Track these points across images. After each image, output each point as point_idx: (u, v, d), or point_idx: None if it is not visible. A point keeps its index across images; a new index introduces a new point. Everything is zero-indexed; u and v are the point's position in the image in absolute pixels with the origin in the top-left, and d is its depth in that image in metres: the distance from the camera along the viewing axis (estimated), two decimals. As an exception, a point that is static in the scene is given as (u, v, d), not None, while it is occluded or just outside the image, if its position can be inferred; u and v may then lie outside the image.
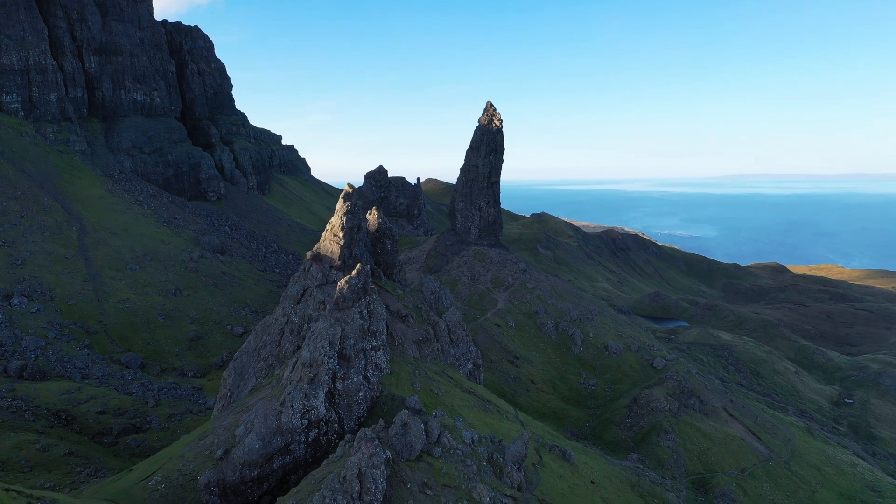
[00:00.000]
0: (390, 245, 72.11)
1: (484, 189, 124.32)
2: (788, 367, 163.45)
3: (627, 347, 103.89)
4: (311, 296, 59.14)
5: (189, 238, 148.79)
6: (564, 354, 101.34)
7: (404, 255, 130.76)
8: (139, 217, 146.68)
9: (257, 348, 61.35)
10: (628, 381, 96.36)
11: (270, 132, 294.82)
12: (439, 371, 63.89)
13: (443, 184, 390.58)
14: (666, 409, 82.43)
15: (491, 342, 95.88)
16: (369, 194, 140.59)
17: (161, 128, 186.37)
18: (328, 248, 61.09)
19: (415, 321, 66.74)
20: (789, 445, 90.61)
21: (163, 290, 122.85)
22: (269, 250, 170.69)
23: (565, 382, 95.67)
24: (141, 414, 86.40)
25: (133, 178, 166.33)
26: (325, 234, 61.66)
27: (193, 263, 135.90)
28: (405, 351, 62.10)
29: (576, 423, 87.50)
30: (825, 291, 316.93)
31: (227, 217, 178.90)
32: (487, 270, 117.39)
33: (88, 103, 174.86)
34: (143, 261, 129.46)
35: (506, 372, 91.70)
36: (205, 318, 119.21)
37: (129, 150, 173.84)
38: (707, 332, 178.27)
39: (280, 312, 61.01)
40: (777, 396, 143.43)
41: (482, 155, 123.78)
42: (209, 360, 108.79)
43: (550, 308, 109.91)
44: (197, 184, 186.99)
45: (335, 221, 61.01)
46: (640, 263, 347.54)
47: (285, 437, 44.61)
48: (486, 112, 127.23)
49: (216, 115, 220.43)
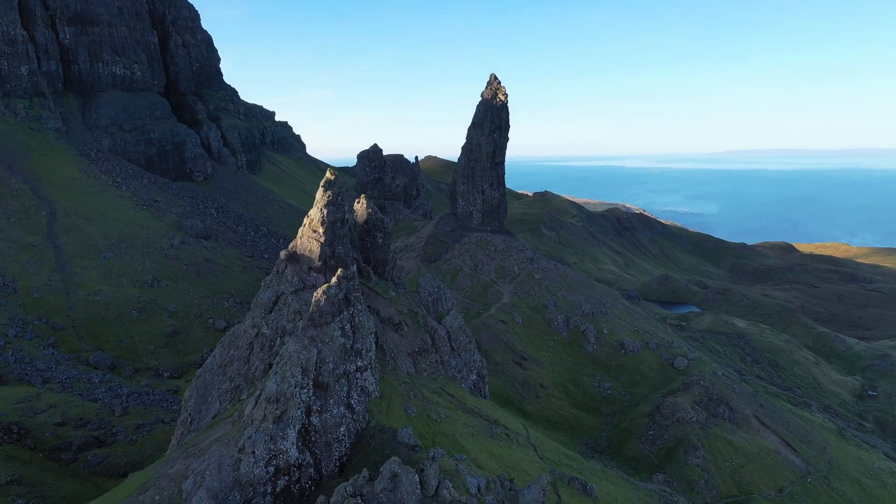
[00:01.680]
0: (382, 238, 62.38)
1: (487, 170, 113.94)
2: (808, 356, 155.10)
3: (645, 345, 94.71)
4: (286, 304, 49.58)
5: (170, 222, 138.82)
6: (576, 353, 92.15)
7: (401, 242, 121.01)
8: (116, 200, 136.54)
9: (223, 365, 51.96)
10: (647, 384, 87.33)
11: (262, 108, 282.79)
12: (438, 388, 54.61)
13: (443, 161, 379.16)
14: (693, 420, 73.41)
15: (496, 342, 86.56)
16: (363, 175, 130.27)
17: (142, 103, 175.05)
18: (306, 247, 51.35)
19: (410, 329, 57.26)
20: (826, 455, 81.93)
21: (139, 280, 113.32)
22: (259, 234, 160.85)
23: (578, 386, 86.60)
24: (105, 425, 77.41)
25: (112, 157, 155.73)
26: (303, 229, 51.89)
27: (174, 250, 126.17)
28: (398, 367, 52.73)
29: (591, 434, 78.60)
30: (834, 271, 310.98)
31: (213, 199, 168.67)
32: (491, 259, 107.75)
33: (63, 77, 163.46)
34: (118, 248, 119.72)
35: (513, 376, 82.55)
36: (184, 311, 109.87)
37: (107, 128, 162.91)
38: (721, 319, 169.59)
39: (249, 323, 51.50)
40: (799, 390, 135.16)
41: (485, 133, 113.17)
42: (188, 359, 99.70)
43: (560, 301, 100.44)
44: (182, 163, 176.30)
45: (314, 215, 51.21)
46: (646, 243, 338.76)
47: (245, 491, 35.33)
48: (489, 86, 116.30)
49: (203, 90, 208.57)
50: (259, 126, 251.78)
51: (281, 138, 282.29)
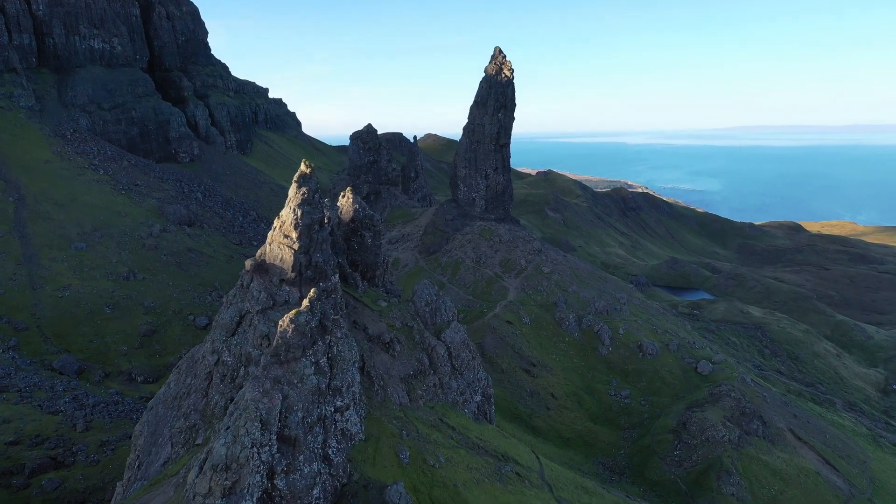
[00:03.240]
0: (371, 238, 53.36)
1: (491, 153, 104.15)
2: (828, 348, 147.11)
3: (665, 346, 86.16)
4: (252, 326, 40.82)
5: (151, 208, 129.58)
6: (590, 357, 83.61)
7: (397, 231, 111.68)
8: (92, 184, 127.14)
9: (178, 396, 43.33)
10: (668, 392, 78.95)
11: (255, 84, 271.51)
12: (436, 421, 46.09)
13: (443, 140, 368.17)
14: (725, 439, 65.08)
15: (501, 346, 77.94)
16: (356, 158, 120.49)
17: (123, 80, 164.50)
18: (276, 255, 42.42)
19: (404, 348, 48.54)
20: (867, 472, 73.87)
21: (113, 273, 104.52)
22: (248, 219, 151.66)
23: (592, 394, 78.20)
24: (65, 442, 69.13)
25: (89, 138, 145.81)
26: (273, 234, 42.92)
27: (153, 239, 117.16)
28: (388, 397, 44.12)
29: (608, 451, 70.37)
30: (844, 252, 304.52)
31: (199, 181, 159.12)
32: (495, 251, 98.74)
33: (37, 52, 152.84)
34: (91, 238, 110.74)
35: (520, 385, 74.06)
36: (162, 307, 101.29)
37: (85, 106, 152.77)
38: (735, 308, 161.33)
39: (209, 347, 42.77)
40: (822, 386, 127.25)
41: (489, 112, 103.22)
42: (164, 360, 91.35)
43: (571, 297, 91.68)
44: (166, 144, 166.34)
45: (286, 216, 42.23)
46: (652, 224, 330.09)
47: (186, 588, 26.84)
48: (493, 60, 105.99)
49: (189, 66, 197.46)
50: (251, 103, 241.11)
51: (275, 116, 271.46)
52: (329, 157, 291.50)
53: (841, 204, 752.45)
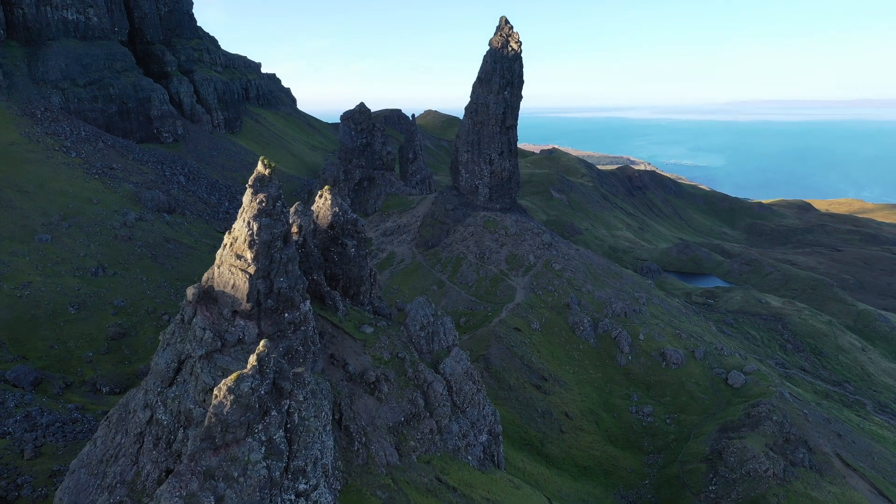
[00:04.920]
0: (354, 247, 43.86)
1: (496, 135, 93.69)
2: (853, 341, 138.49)
3: (690, 354, 77.09)
4: (193, 375, 31.48)
5: (127, 194, 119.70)
6: (607, 367, 74.56)
7: (392, 222, 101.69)
8: (62, 168, 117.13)
9: (104, 460, 34.18)
10: (697, 408, 70.06)
11: (246, 59, 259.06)
12: (432, 482, 36.99)
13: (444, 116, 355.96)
14: (769, 473, 56.22)
15: (509, 358, 68.78)
16: (347, 141, 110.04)
17: (100, 54, 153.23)
18: (227, 281, 32.93)
19: (393, 387, 39.32)
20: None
21: (80, 267, 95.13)
22: (234, 204, 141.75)
23: (611, 412, 69.29)
24: (10, 472, 60.14)
25: (62, 117, 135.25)
26: (223, 253, 33.39)
27: (127, 229, 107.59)
28: (372, 457, 34.95)
29: (631, 482, 61.60)
30: (855, 232, 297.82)
31: (183, 163, 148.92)
32: (501, 245, 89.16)
33: (6, 23, 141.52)
34: (57, 228, 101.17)
35: (531, 403, 65.04)
36: (134, 307, 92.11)
37: (58, 83, 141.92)
38: (752, 297, 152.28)
39: (141, 400, 33.49)
40: (849, 385, 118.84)
41: (494, 90, 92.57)
42: (134, 368, 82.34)
43: (586, 298, 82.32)
44: (147, 123, 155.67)
45: (239, 231, 32.69)
46: (658, 203, 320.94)
47: None
48: (499, 32, 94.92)
49: (173, 39, 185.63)
50: (241, 79, 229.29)
51: (267, 92, 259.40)
52: (325, 135, 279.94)
53: (845, 180, 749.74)
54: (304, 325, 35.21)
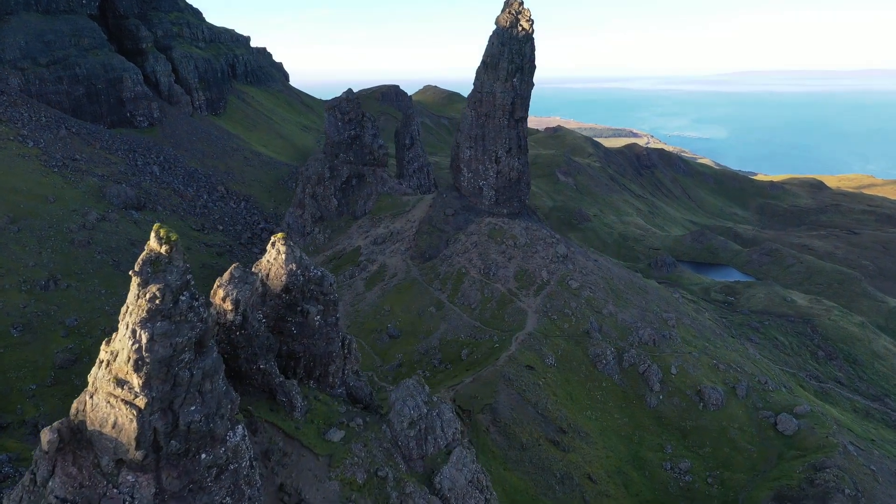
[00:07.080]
0: (320, 315, 32.05)
1: (504, 130, 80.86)
2: (888, 346, 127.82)
3: (731, 391, 65.86)
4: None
5: (90, 189, 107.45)
6: (635, 410, 63.36)
7: (384, 228, 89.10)
8: (16, 161, 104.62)
9: None
10: (743, 463, 59.00)
11: (233, 32, 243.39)
12: None
13: (444, 92, 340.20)
14: (848, 570, 45.22)
15: (520, 406, 57.38)
16: (333, 133, 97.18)
17: (65, 30, 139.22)
18: (104, 418, 21.18)
19: (370, 528, 27.83)
20: None
21: (28, 280, 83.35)
22: (213, 196, 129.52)
23: (642, 469, 58.21)
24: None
25: (21, 101, 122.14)
26: (97, 374, 21.66)
27: (86, 232, 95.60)
28: None
29: (670, 565, 50.67)
30: (870, 212, 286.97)
31: (158, 151, 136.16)
32: (509, 259, 77.34)
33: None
34: (4, 234, 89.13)
35: (547, 466, 53.79)
36: (89, 326, 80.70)
37: (17, 62, 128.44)
38: (777, 295, 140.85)
39: None
40: (890, 401, 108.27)
41: (501, 76, 79.46)
42: (85, 402, 70.96)
43: (608, 323, 70.77)
44: (119, 106, 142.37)
45: (119, 345, 20.93)
46: (667, 183, 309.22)
47: None
48: (507, 9, 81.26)
49: (149, 12, 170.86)
50: (227, 54, 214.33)
51: (256, 68, 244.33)
52: (319, 114, 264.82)
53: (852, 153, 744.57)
54: (235, 464, 23.67)
